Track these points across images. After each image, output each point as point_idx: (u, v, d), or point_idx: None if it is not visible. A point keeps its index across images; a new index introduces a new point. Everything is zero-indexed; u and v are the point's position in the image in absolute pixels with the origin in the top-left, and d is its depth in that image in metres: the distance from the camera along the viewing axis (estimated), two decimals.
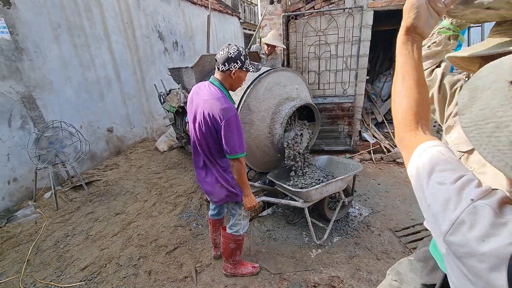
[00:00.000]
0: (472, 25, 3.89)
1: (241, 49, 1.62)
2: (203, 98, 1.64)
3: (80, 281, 2.19)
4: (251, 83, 2.41)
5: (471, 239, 0.35)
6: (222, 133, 1.58)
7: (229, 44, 1.63)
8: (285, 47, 3.95)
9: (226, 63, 1.60)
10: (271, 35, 3.84)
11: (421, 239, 2.37)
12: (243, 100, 2.38)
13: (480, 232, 0.35)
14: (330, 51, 3.88)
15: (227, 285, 2.09)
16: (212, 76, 1.72)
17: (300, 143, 2.66)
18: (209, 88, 1.66)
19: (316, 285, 2.02)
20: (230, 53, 1.59)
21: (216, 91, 1.63)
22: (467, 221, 0.36)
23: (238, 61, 1.60)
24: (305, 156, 2.63)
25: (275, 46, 3.82)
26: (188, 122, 1.87)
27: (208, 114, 1.60)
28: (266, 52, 3.92)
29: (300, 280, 2.07)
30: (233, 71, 1.62)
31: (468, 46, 4.06)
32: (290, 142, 2.56)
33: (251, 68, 1.69)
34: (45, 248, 2.59)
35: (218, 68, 1.64)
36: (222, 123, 1.56)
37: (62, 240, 2.69)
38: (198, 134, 1.74)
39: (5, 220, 2.95)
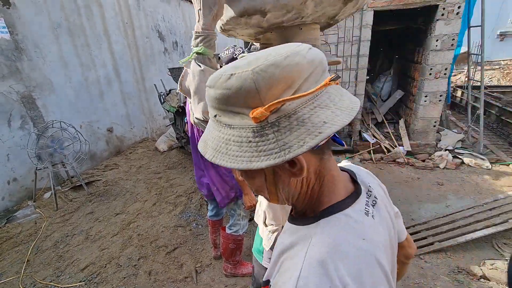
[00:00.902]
0: (472, 25, 3.90)
1: (246, 52, 1.64)
2: None
3: (80, 281, 2.18)
4: None
5: None
6: None
7: (234, 45, 1.68)
8: None
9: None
10: None
11: (422, 238, 2.36)
12: None
13: None
14: (330, 51, 3.88)
15: (227, 285, 2.08)
16: None
17: None
18: None
19: None
20: (236, 54, 1.63)
21: None
22: None
23: None
24: None
25: None
26: (187, 122, 1.87)
27: None
28: None
29: None
30: None
31: (468, 46, 4.06)
32: None
33: None
34: (45, 248, 2.58)
35: (221, 67, 1.65)
36: None
37: (62, 240, 2.69)
38: (196, 133, 1.75)
39: (4, 220, 2.94)
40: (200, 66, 0.86)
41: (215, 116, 0.45)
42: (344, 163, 0.64)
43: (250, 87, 0.39)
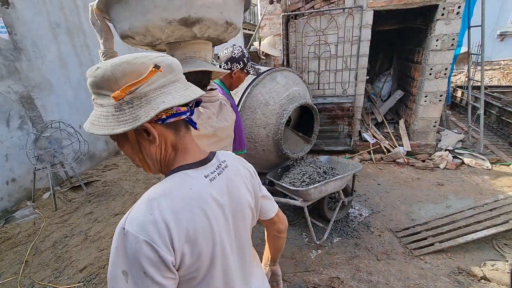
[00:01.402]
0: (472, 25, 3.89)
1: (245, 51, 1.65)
2: None
3: (79, 282, 2.17)
4: (252, 82, 2.40)
5: None
6: None
7: (233, 45, 1.66)
8: (279, 54, 4.07)
9: (228, 62, 1.63)
10: (267, 42, 4.01)
11: (422, 239, 2.36)
12: (243, 99, 2.37)
13: None
14: (330, 51, 3.87)
15: None
16: None
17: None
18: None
19: (316, 286, 2.00)
20: (234, 53, 1.62)
21: (217, 88, 1.64)
22: None
23: (240, 62, 1.63)
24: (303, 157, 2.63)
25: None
26: None
27: None
28: (261, 55, 4.08)
29: (300, 281, 2.05)
30: (234, 71, 1.64)
31: (468, 46, 4.06)
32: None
33: (251, 70, 1.71)
34: (44, 249, 2.57)
35: (220, 66, 1.65)
36: None
37: (60, 241, 2.68)
38: None
39: (3, 221, 2.93)
40: None
41: (93, 99, 0.60)
42: (226, 151, 0.80)
43: (110, 76, 0.55)
